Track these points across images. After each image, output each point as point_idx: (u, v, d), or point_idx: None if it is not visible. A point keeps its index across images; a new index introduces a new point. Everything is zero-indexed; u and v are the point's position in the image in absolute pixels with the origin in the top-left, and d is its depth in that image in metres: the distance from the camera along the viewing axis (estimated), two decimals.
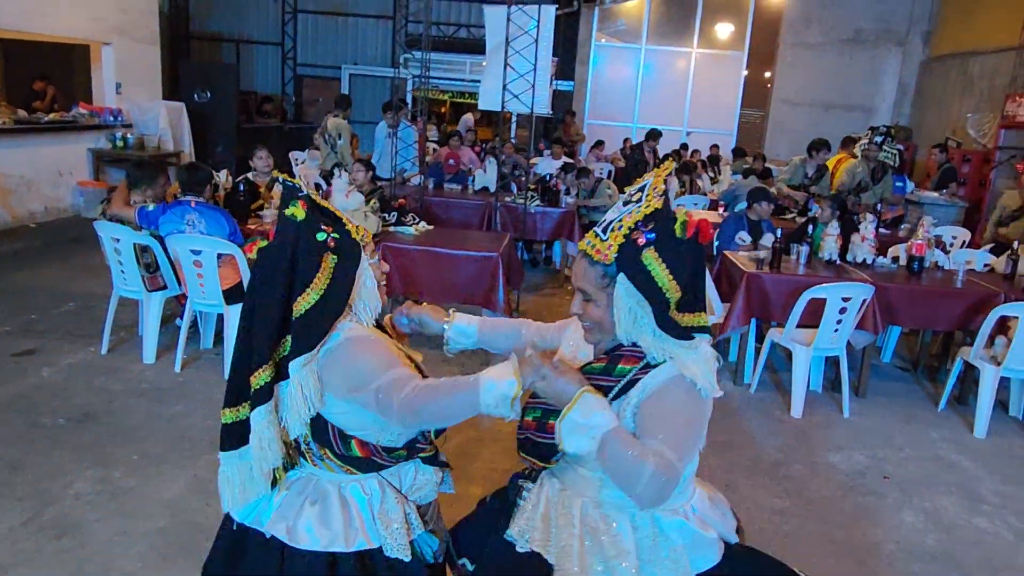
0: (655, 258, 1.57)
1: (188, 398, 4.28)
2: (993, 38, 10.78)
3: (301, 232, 1.68)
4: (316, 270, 1.67)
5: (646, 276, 1.58)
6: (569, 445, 1.54)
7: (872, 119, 13.90)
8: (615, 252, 1.60)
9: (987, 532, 3.47)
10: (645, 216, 1.61)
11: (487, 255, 4.96)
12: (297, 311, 1.66)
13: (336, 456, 1.75)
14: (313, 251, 1.68)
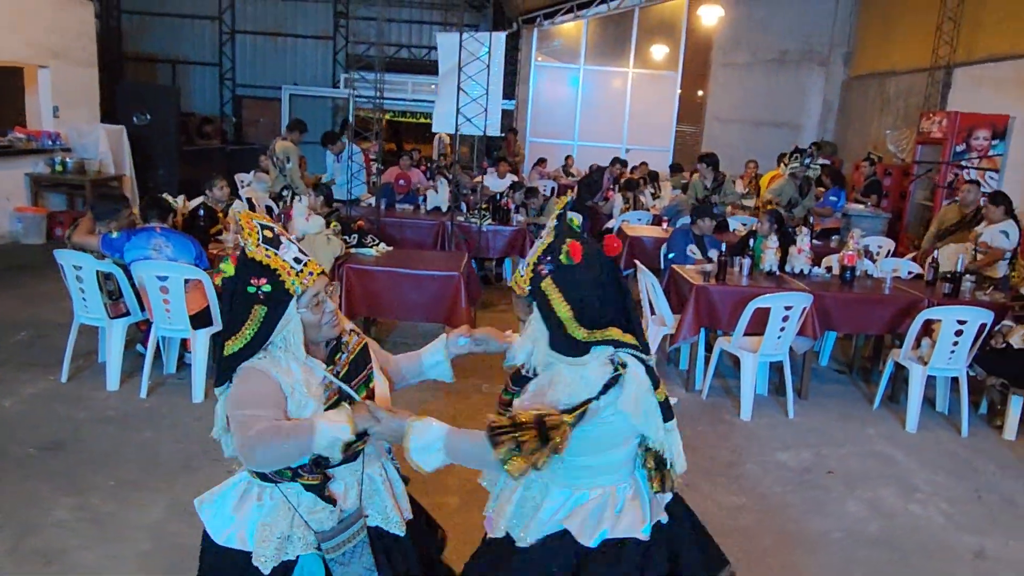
0: (551, 286, 1.81)
1: (156, 423, 4.30)
2: (907, 60, 11.52)
3: (234, 286, 1.89)
4: (245, 320, 1.86)
5: (545, 303, 1.82)
6: (428, 465, 1.80)
7: (799, 135, 14.61)
8: (528, 284, 1.85)
9: (922, 518, 3.79)
10: (543, 250, 1.86)
11: (449, 274, 5.13)
12: (227, 350, 1.89)
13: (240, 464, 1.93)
14: (244, 301, 1.87)
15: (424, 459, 1.80)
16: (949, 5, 10.16)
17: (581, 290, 1.81)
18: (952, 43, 10.21)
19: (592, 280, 1.82)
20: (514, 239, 7.59)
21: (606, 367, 1.81)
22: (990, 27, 9.60)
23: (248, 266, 1.86)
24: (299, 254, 1.94)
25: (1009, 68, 9.07)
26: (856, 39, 13.77)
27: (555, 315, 1.81)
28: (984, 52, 9.67)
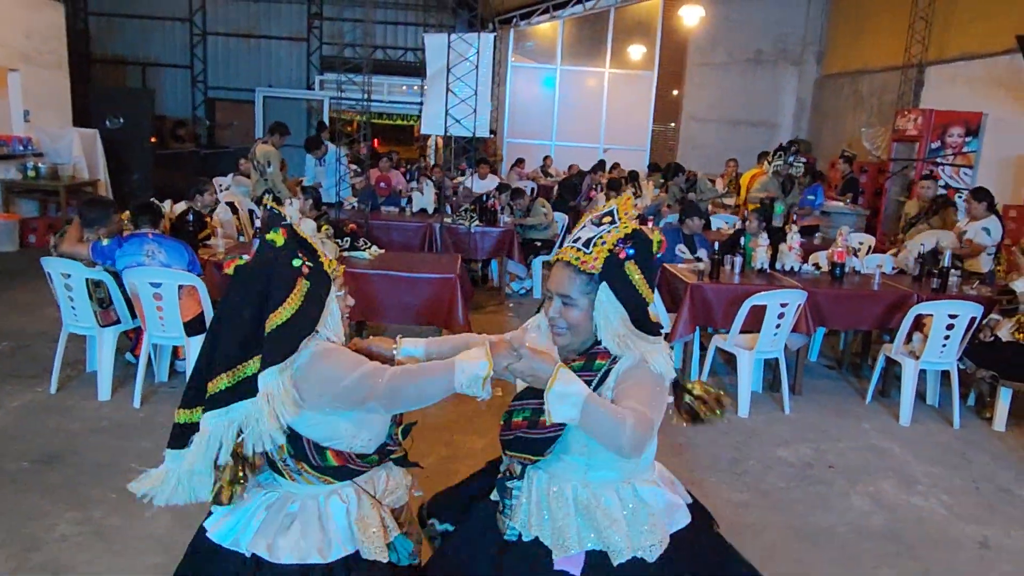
0: (635, 269, 1.85)
1: (153, 433, 4.21)
2: (879, 59, 11.72)
3: (279, 256, 1.82)
4: (289, 291, 1.79)
5: (627, 284, 1.85)
6: (557, 414, 1.68)
7: (775, 133, 14.81)
8: (601, 264, 1.84)
9: (924, 509, 3.85)
10: (625, 235, 1.86)
11: (445, 276, 5.10)
12: (270, 325, 1.77)
13: (313, 468, 1.87)
14: (288, 274, 1.81)
15: (559, 407, 1.69)
16: (921, 5, 10.35)
17: (651, 278, 1.91)
18: (924, 42, 10.41)
19: (653, 273, 1.94)
20: (502, 240, 7.58)
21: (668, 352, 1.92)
22: (961, 26, 9.80)
23: (296, 241, 1.86)
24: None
25: (981, 66, 9.27)
26: (828, 38, 13.98)
27: (639, 295, 1.85)
28: (956, 51, 9.87)
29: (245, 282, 1.83)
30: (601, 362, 1.90)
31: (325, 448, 1.85)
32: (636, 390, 1.80)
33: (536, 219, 8.06)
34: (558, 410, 1.68)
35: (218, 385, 1.78)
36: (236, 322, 1.81)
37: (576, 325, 1.89)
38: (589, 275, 1.85)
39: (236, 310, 1.82)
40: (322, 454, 1.85)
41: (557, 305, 1.90)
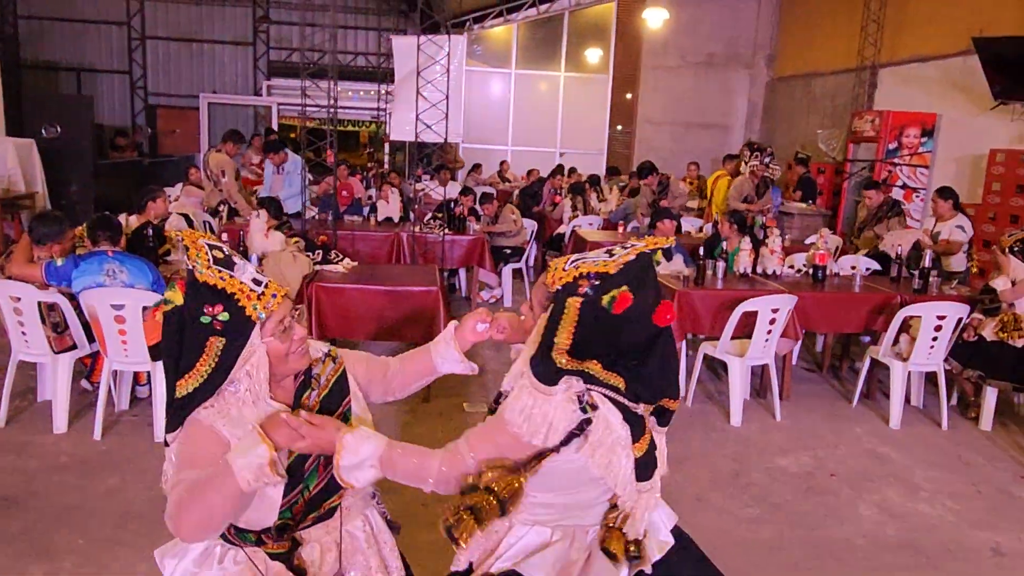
0: (575, 308, 1.63)
1: (120, 468, 3.89)
2: (832, 61, 11.91)
3: (182, 316, 1.61)
4: (199, 355, 1.59)
5: (557, 315, 1.65)
6: (357, 482, 1.63)
7: (727, 135, 14.95)
8: (560, 284, 1.68)
9: (932, 517, 3.79)
10: (599, 272, 1.65)
11: (427, 289, 4.87)
12: (179, 392, 1.61)
13: None
14: (197, 336, 1.59)
15: (356, 476, 1.62)
16: (872, 8, 10.54)
17: (596, 335, 1.62)
18: (876, 45, 10.60)
19: (613, 335, 1.63)
20: (472, 249, 7.37)
21: (571, 405, 1.62)
22: (913, 29, 10.00)
23: (199, 292, 1.59)
24: (257, 275, 1.68)
25: (934, 68, 9.46)
26: (779, 42, 14.17)
27: (553, 333, 1.64)
28: (908, 53, 10.06)
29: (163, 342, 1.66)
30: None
31: None
32: (484, 425, 1.72)
33: (505, 226, 7.88)
34: (355, 479, 1.63)
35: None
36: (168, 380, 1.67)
37: (529, 328, 1.81)
38: (546, 289, 1.73)
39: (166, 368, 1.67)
40: None
41: (527, 302, 1.88)
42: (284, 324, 1.68)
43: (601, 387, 1.64)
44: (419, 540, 2.60)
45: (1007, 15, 8.21)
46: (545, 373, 1.64)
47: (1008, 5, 8.25)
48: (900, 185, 9.44)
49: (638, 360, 1.66)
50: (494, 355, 5.95)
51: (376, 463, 1.62)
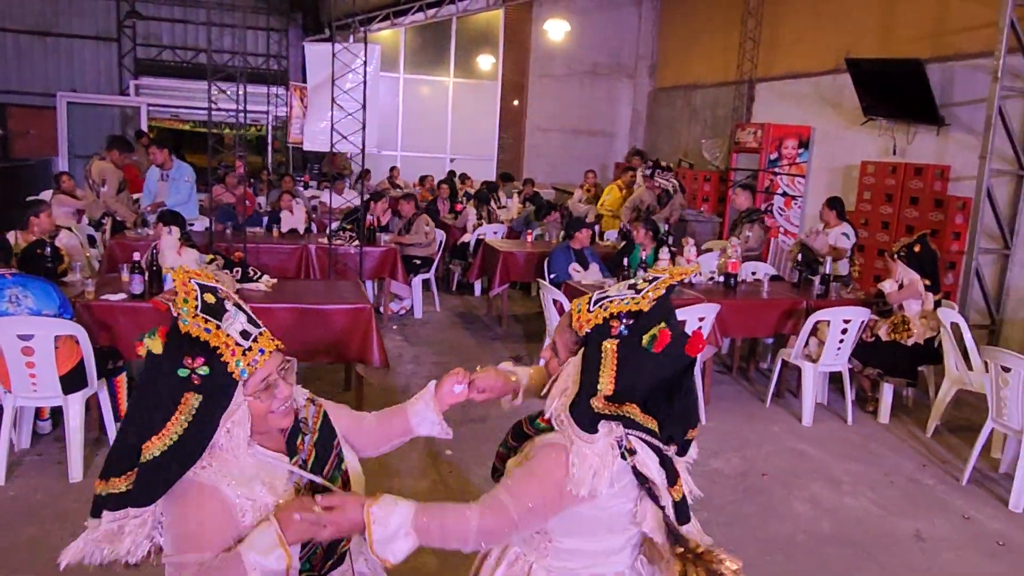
0: (612, 351, 1.65)
1: (36, 516, 3.53)
2: (711, 74, 12.55)
3: (160, 368, 1.51)
4: (172, 412, 1.48)
5: (595, 360, 1.66)
6: (395, 556, 1.55)
7: (613, 143, 15.44)
8: (589, 328, 1.68)
9: (858, 509, 4.08)
10: (630, 312, 1.66)
11: (359, 306, 4.71)
12: (145, 455, 1.47)
13: None
14: (171, 390, 1.49)
15: (389, 550, 1.53)
16: (749, 27, 11.20)
17: (638, 375, 1.64)
18: (753, 61, 11.26)
19: (652, 373, 1.65)
20: (384, 260, 7.22)
21: (613, 451, 1.63)
22: (786, 48, 10.71)
23: (181, 342, 1.49)
24: (248, 325, 1.57)
25: (806, 84, 10.18)
26: (660, 54, 14.77)
27: (595, 378, 1.64)
28: (782, 70, 10.77)
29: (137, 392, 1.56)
30: (540, 423, 1.75)
31: None
32: (522, 473, 1.67)
33: (418, 237, 7.77)
34: (392, 552, 1.54)
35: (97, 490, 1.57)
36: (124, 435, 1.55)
37: (553, 372, 1.78)
38: (575, 333, 1.72)
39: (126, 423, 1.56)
40: None
41: (547, 346, 1.83)
42: (268, 382, 1.57)
43: (639, 431, 1.64)
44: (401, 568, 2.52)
45: (870, 38, 8.95)
46: (587, 420, 1.62)
47: (871, 29, 9.00)
48: (780, 193, 10.09)
49: (668, 395, 1.66)
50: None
51: (411, 530, 1.54)
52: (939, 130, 7.91)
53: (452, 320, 7.84)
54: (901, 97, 8.03)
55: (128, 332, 4.37)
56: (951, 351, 5.11)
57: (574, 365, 1.69)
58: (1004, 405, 4.25)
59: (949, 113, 7.81)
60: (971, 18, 7.52)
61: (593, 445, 1.62)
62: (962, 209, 7.48)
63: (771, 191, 10.12)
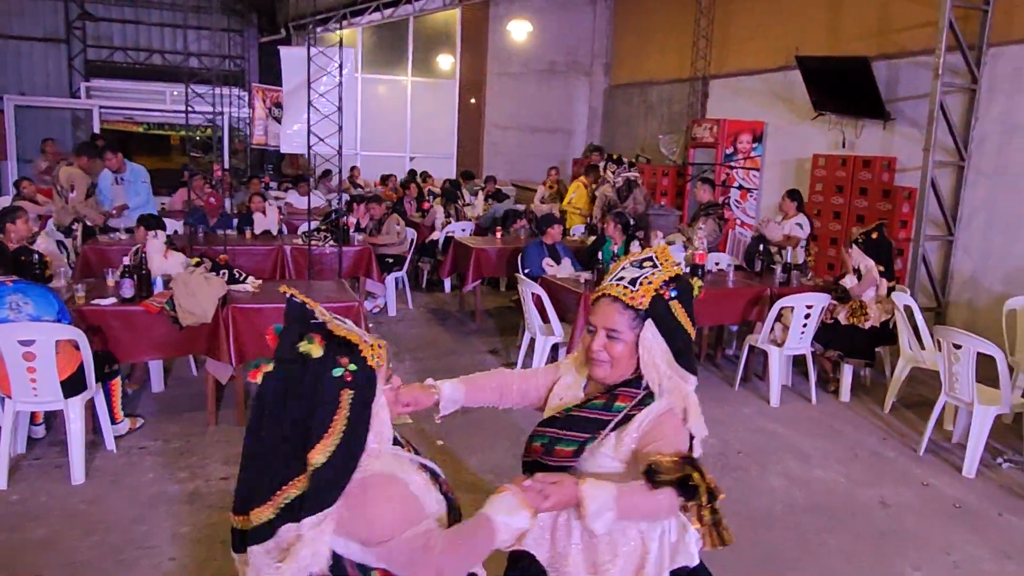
0: (679, 308, 1.96)
1: (42, 517, 3.59)
2: (666, 71, 12.89)
3: (317, 371, 1.56)
4: (334, 412, 1.55)
5: (672, 320, 1.95)
6: (602, 527, 1.74)
7: (571, 139, 15.70)
8: (648, 301, 1.94)
9: (828, 481, 4.38)
10: (672, 277, 1.97)
11: (349, 304, 4.85)
12: (314, 463, 1.53)
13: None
14: (330, 392, 1.55)
15: (599, 523, 1.73)
16: (702, 25, 11.55)
17: (694, 320, 2.01)
18: (707, 58, 11.63)
19: (690, 316, 2.00)
20: (358, 259, 7.33)
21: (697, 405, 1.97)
22: (738, 46, 11.09)
23: (335, 343, 1.57)
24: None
25: (758, 81, 10.56)
26: (614, 52, 15.08)
27: (683, 329, 1.96)
28: (735, 67, 11.15)
29: (277, 401, 1.55)
30: (621, 404, 1.94)
31: (372, 569, 1.64)
32: (661, 446, 1.85)
33: (390, 237, 7.89)
34: (600, 524, 1.73)
35: (261, 517, 1.55)
36: (272, 452, 1.57)
37: (618, 359, 1.95)
38: (636, 311, 1.93)
39: (271, 439, 1.57)
40: (367, 573, 1.65)
41: (602, 338, 1.96)
42: (389, 372, 1.71)
43: None
44: None
45: (818, 36, 9.35)
46: (690, 365, 1.97)
47: (819, 27, 9.41)
48: (737, 186, 10.46)
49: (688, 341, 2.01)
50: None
51: (613, 506, 1.72)
52: (885, 124, 8.35)
53: (426, 316, 7.98)
54: (849, 93, 8.44)
55: (121, 336, 4.43)
56: (905, 332, 5.47)
57: (652, 333, 1.93)
58: (956, 380, 4.60)
59: (894, 108, 8.24)
60: (913, 18, 7.94)
61: (692, 383, 1.96)
62: (908, 199, 7.92)
63: (728, 184, 10.48)
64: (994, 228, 7.34)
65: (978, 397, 4.50)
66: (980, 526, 3.93)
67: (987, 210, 7.41)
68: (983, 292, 7.39)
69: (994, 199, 7.34)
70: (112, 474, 4.07)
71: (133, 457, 4.30)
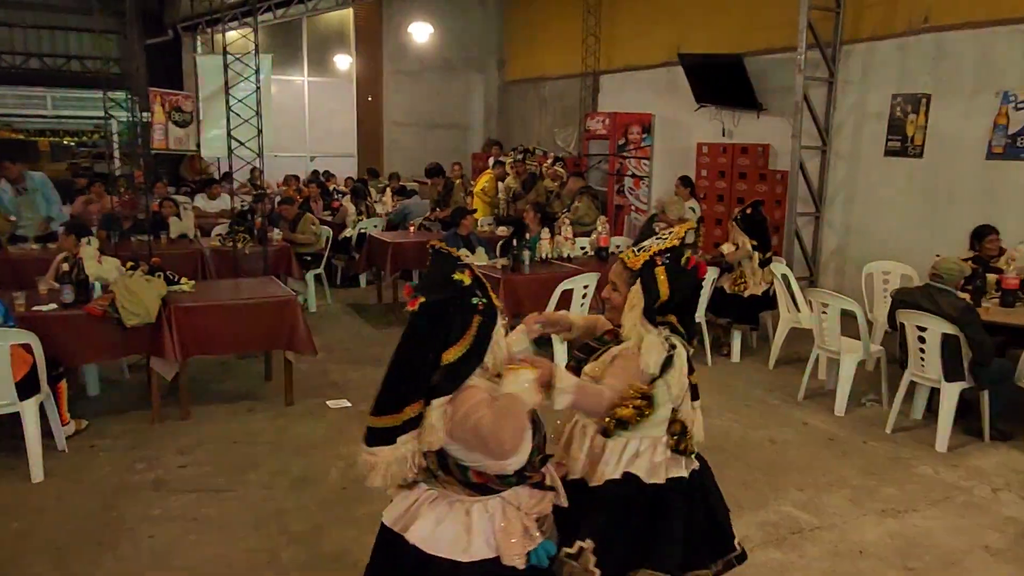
0: (663, 273, 2.44)
1: (10, 514, 3.75)
2: (557, 68, 13.55)
3: (464, 295, 2.08)
4: (467, 329, 2.05)
5: (652, 282, 2.44)
6: (560, 403, 2.19)
7: (469, 135, 16.16)
8: (641, 263, 2.46)
9: (725, 426, 5.06)
10: (667, 248, 2.48)
11: (286, 298, 5.14)
12: (447, 359, 2.03)
13: (458, 482, 2.10)
14: (468, 312, 2.07)
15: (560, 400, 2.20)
16: (590, 24, 12.25)
17: (676, 287, 2.44)
18: (596, 55, 12.34)
19: (685, 286, 2.47)
20: (278, 259, 7.53)
21: (663, 345, 2.41)
22: (624, 43, 11.85)
23: (477, 280, 2.14)
24: None
25: (645, 76, 11.36)
26: (507, 49, 15.63)
27: (657, 292, 2.41)
28: (623, 63, 11.91)
29: (432, 320, 2.06)
30: (608, 339, 2.53)
31: (467, 467, 2.07)
32: (618, 371, 2.40)
33: (306, 236, 8.12)
34: (559, 401, 2.22)
35: (384, 423, 2.05)
36: (417, 360, 2.04)
37: (615, 306, 2.50)
38: (631, 270, 2.46)
39: (421, 348, 2.05)
40: (464, 472, 2.07)
41: (608, 288, 2.54)
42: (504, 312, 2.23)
43: (676, 334, 2.44)
44: None
45: (698, 35, 10.19)
46: (653, 318, 2.41)
47: (698, 26, 10.24)
48: (630, 175, 11.22)
49: (689, 309, 2.53)
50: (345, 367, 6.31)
51: (573, 390, 2.20)
52: (759, 114, 9.25)
53: (346, 311, 8.27)
54: (726, 87, 9.29)
55: (65, 340, 4.57)
56: (783, 297, 6.26)
57: (636, 289, 2.41)
58: (825, 335, 5.38)
59: (766, 99, 9.14)
60: (778, 18, 8.82)
61: (655, 336, 2.39)
62: (781, 181, 8.84)
63: (622, 173, 11.23)
64: (853, 204, 8.34)
65: (844, 347, 5.30)
66: (848, 452, 4.69)
67: (846, 189, 8.41)
68: (847, 260, 8.38)
69: (852, 179, 8.34)
70: (69, 471, 4.23)
71: (86, 455, 4.46)
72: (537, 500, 2.20)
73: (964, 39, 7.13)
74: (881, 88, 7.93)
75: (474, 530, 2.10)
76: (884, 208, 7.98)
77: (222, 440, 4.72)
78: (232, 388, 5.72)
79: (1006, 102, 6.78)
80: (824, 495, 4.13)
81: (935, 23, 7.35)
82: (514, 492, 2.15)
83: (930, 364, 4.72)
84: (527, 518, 2.16)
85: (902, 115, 7.68)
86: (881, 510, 3.98)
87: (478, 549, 2.08)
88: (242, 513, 3.82)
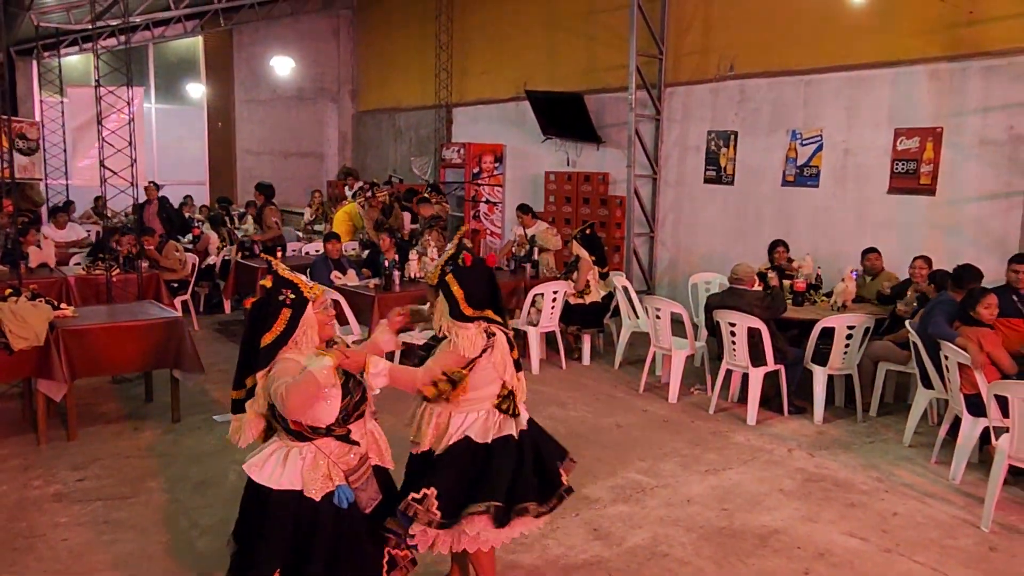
0: (452, 278, 3.08)
1: None
2: (411, 99, 14.21)
3: (270, 295, 2.77)
4: (276, 319, 2.73)
5: (448, 289, 3.08)
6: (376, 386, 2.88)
7: (324, 163, 16.44)
8: (436, 279, 3.12)
9: (578, 417, 5.86)
10: (448, 258, 3.12)
11: (172, 318, 5.39)
12: (263, 343, 2.73)
13: (284, 431, 2.75)
14: (275, 306, 2.75)
15: (376, 382, 2.83)
16: (442, 59, 13.04)
17: (468, 283, 3.05)
18: (448, 88, 13.14)
19: (476, 278, 3.08)
20: (146, 285, 7.59)
21: (483, 334, 3.06)
22: (474, 78, 12.73)
23: (280, 281, 2.77)
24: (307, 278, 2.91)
25: (495, 109, 12.26)
26: (360, 80, 16.12)
27: (453, 296, 3.02)
28: (474, 96, 12.77)
29: (253, 316, 2.79)
30: (440, 337, 3.13)
31: (286, 420, 2.69)
32: (437, 358, 3.06)
33: (171, 262, 8.22)
34: (376, 383, 2.86)
35: (237, 395, 2.85)
36: (247, 346, 2.79)
37: (430, 316, 3.14)
38: (431, 286, 3.11)
39: (249, 336, 2.79)
40: (285, 423, 2.71)
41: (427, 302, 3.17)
42: (324, 304, 2.83)
43: (494, 324, 3.06)
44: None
45: (542, 73, 11.20)
46: (461, 319, 3.00)
47: (542, 66, 11.27)
48: (485, 201, 12.03)
49: (496, 299, 3.11)
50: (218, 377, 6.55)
51: (386, 373, 2.80)
52: (598, 146, 10.35)
53: (215, 335, 8.43)
54: (569, 121, 10.33)
55: None
56: (624, 306, 7.21)
57: (440, 298, 3.03)
58: (659, 335, 6.34)
59: (604, 133, 10.26)
60: (612, 61, 9.98)
61: (468, 330, 2.99)
62: (620, 205, 9.94)
63: (477, 200, 12.02)
64: (680, 225, 9.57)
65: (674, 345, 6.28)
66: (680, 431, 5.61)
67: (674, 212, 9.63)
68: (678, 272, 9.57)
69: (679, 203, 9.56)
70: None
71: None
72: (344, 452, 2.80)
73: (761, 86, 8.52)
74: (698, 125, 9.21)
75: (288, 467, 2.75)
76: (705, 228, 9.24)
77: (115, 456, 4.92)
78: (114, 409, 5.85)
79: (794, 139, 8.19)
80: (660, 463, 5.00)
81: (739, 71, 8.71)
82: (324, 442, 2.76)
83: (740, 353, 5.75)
84: (333, 466, 2.77)
85: (716, 148, 8.99)
86: (704, 471, 4.89)
87: (287, 481, 2.73)
88: (151, 514, 4.12)
